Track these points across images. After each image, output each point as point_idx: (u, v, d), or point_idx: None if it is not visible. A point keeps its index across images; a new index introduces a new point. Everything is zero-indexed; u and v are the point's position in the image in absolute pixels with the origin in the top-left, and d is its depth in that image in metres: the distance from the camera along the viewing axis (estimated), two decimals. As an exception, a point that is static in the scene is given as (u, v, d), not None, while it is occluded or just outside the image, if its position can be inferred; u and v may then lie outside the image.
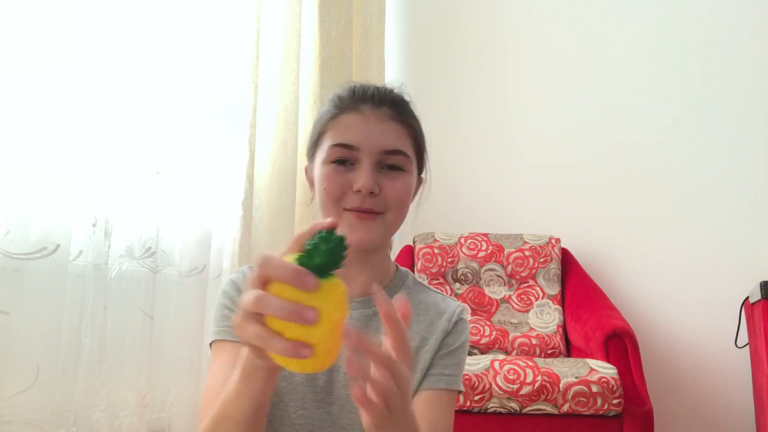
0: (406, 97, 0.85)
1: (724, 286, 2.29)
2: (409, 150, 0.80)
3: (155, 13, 1.63)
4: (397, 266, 0.91)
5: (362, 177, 0.74)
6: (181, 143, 1.70)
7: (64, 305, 1.34)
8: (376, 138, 0.76)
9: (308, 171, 0.86)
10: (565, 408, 1.62)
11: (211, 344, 0.82)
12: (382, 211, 0.77)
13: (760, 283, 1.83)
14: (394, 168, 0.78)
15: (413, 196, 0.86)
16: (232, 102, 1.87)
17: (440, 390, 0.82)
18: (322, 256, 0.45)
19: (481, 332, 2.11)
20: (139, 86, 1.57)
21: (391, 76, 2.78)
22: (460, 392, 0.85)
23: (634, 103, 2.53)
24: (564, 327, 2.17)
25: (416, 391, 0.82)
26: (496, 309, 2.22)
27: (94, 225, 1.40)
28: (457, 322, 0.86)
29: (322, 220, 0.48)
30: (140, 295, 1.53)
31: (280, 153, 1.98)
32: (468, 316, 0.90)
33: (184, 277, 1.68)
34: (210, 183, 1.78)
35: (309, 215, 2.10)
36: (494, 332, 2.12)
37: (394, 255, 1.99)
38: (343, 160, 0.77)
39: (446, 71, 2.81)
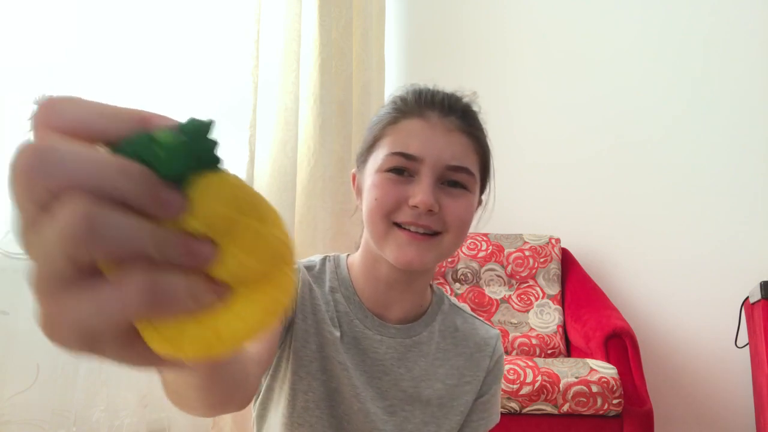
0: (476, 108, 0.76)
1: (724, 286, 2.29)
2: (474, 167, 0.71)
3: (155, 13, 1.63)
4: (432, 287, 0.83)
5: (421, 192, 0.66)
6: (181, 143, 1.70)
7: (64, 305, 1.34)
8: (441, 150, 0.68)
9: (356, 178, 0.76)
10: (565, 408, 1.62)
11: None
12: (439, 231, 0.68)
13: (760, 283, 1.83)
14: (456, 185, 0.69)
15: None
16: (232, 102, 1.87)
17: None
18: (181, 156, 0.21)
19: (481, 332, 2.11)
20: (139, 86, 1.57)
21: (391, 76, 2.78)
22: None
23: (634, 103, 2.53)
24: (564, 327, 2.17)
25: None
26: (496, 309, 2.22)
27: (94, 225, 1.40)
28: (499, 359, 0.82)
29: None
30: (140, 295, 1.53)
31: (280, 153, 1.98)
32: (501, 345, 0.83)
33: (184, 277, 1.68)
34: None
35: (310, 216, 2.10)
36: (494, 332, 2.12)
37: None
38: (401, 170, 0.68)
39: (446, 71, 2.80)
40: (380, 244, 0.69)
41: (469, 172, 0.70)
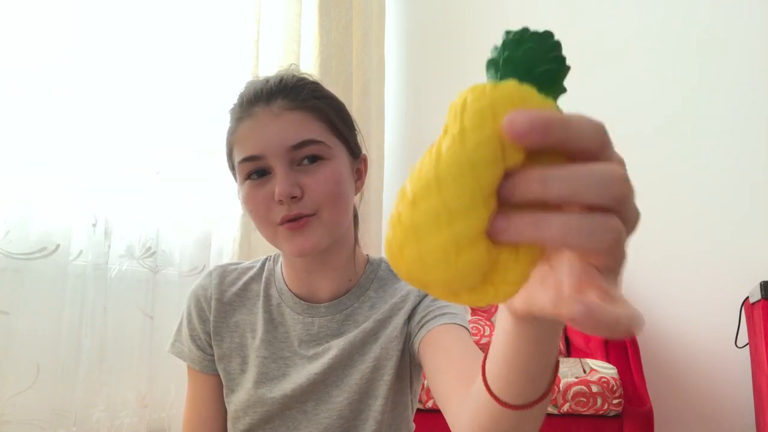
0: (308, 78, 0.76)
1: (724, 286, 2.29)
2: (321, 134, 0.71)
3: (155, 13, 1.63)
4: (368, 258, 0.84)
5: (277, 185, 0.68)
6: (181, 143, 1.70)
7: (64, 305, 1.34)
8: (275, 137, 0.69)
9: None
10: (565, 408, 1.62)
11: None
12: (312, 213, 0.69)
13: (760, 283, 1.83)
14: (314, 159, 0.70)
15: (358, 179, 0.78)
16: (233, 102, 1.87)
17: (446, 324, 0.70)
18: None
19: (481, 332, 2.11)
20: (139, 86, 1.57)
21: (391, 76, 2.78)
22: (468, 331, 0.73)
23: (632, 101, 2.53)
24: (564, 327, 2.17)
25: (401, 351, 0.74)
26: (496, 309, 2.22)
27: (94, 225, 1.40)
28: (424, 295, 0.76)
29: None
30: (140, 295, 1.53)
31: (280, 153, 1.98)
32: None
33: (184, 277, 1.68)
34: (210, 183, 1.78)
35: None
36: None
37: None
38: (260, 171, 0.70)
39: (446, 71, 2.81)
40: (275, 245, 0.73)
41: (314, 142, 0.70)
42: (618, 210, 0.24)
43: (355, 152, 0.77)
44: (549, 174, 0.24)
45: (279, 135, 0.69)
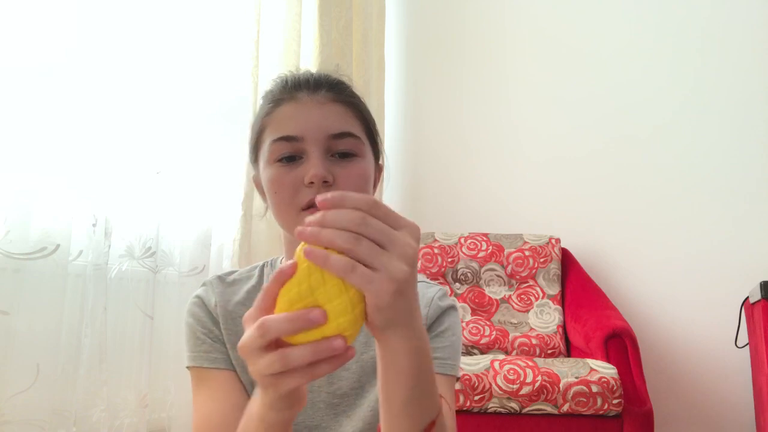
0: (346, 80, 0.78)
1: (724, 286, 2.29)
2: (358, 131, 0.72)
3: (155, 13, 1.63)
4: None
5: (312, 167, 0.67)
6: (181, 143, 1.70)
7: (64, 305, 1.34)
8: (318, 123, 0.69)
9: (256, 178, 0.77)
10: (565, 408, 1.62)
11: (188, 367, 0.75)
12: None
13: (760, 283, 1.83)
14: (346, 155, 0.70)
15: (374, 186, 0.78)
16: (232, 102, 1.87)
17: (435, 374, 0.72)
18: None
19: (481, 332, 2.11)
20: (139, 86, 1.58)
21: (391, 76, 2.78)
22: (457, 379, 0.74)
23: (633, 102, 2.53)
24: (564, 327, 2.17)
25: None
26: (496, 309, 2.22)
27: (94, 225, 1.40)
28: (435, 308, 0.75)
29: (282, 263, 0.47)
30: (140, 295, 1.53)
31: (280, 153, 1.97)
32: (449, 299, 0.78)
33: (184, 277, 1.68)
34: (210, 183, 1.78)
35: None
36: (494, 332, 2.12)
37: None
38: (290, 156, 0.69)
39: (446, 71, 2.81)
40: (291, 231, 0.70)
41: (353, 135, 0.71)
42: (358, 254, 0.40)
43: (377, 160, 0.79)
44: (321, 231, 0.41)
45: (323, 122, 0.70)
